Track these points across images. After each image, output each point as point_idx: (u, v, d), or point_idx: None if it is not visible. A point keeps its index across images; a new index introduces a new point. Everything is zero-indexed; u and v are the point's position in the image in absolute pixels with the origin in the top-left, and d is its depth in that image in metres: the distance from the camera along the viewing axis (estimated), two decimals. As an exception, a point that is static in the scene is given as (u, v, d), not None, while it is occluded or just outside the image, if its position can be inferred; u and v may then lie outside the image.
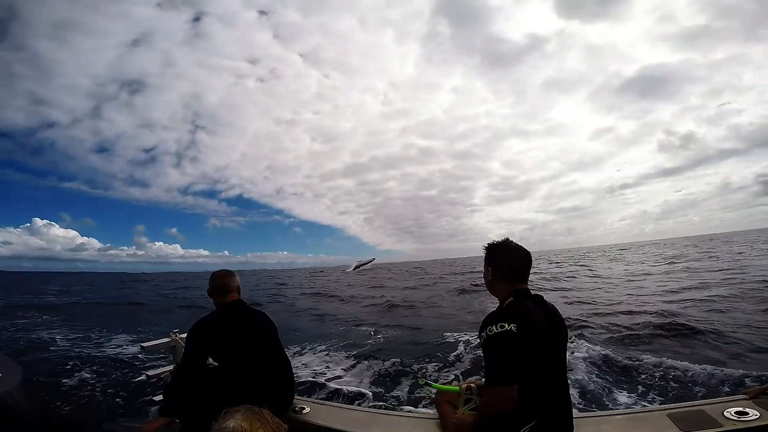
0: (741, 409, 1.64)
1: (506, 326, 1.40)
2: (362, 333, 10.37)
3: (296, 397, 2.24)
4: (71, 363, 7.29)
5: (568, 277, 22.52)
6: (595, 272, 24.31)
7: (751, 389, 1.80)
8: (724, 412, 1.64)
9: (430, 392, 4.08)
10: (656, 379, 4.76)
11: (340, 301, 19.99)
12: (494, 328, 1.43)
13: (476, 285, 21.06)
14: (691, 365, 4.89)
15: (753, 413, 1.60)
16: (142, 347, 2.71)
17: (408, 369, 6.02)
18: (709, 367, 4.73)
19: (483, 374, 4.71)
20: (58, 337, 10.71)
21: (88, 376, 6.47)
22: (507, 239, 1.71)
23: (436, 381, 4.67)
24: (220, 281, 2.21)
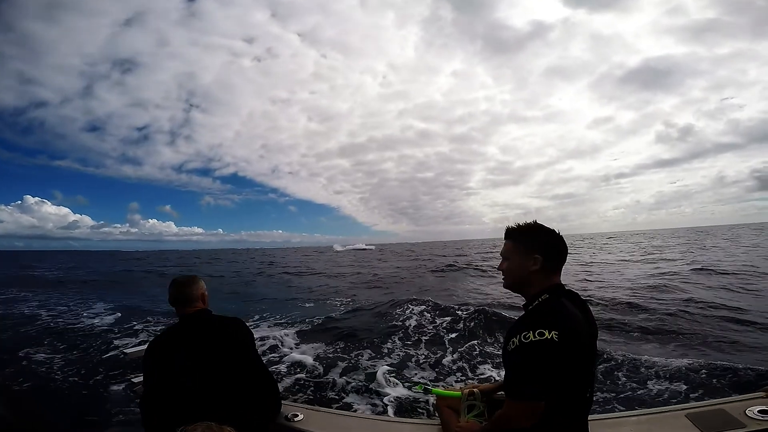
0: (764, 407, 1.57)
1: (546, 334, 1.16)
2: (331, 307, 10.89)
3: (289, 403, 2.12)
4: (47, 340, 7.40)
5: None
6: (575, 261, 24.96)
7: None
8: (746, 411, 1.57)
9: (428, 396, 3.92)
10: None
11: (324, 277, 20.66)
12: (531, 335, 1.18)
13: (449, 266, 21.97)
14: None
15: None
16: (124, 353, 2.55)
17: (365, 349, 6.30)
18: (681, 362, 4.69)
19: (480, 378, 4.40)
20: (43, 312, 10.96)
21: (58, 356, 6.43)
22: (537, 222, 1.43)
23: (437, 385, 4.34)
24: (179, 290, 1.92)
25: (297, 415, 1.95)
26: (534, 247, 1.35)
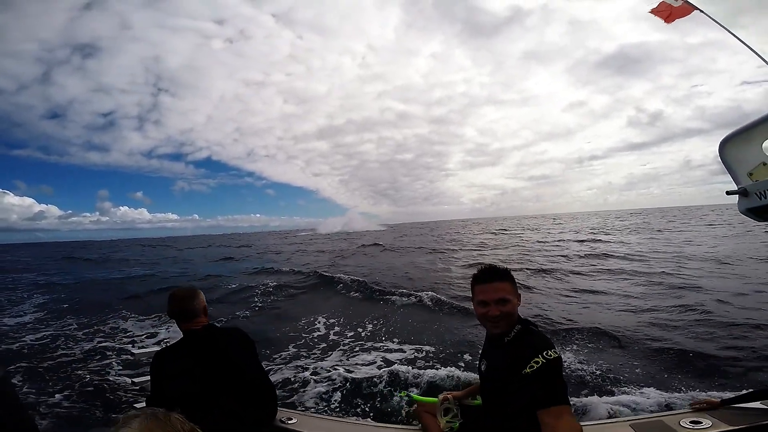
0: (695, 418, 1.84)
1: (558, 353, 1.42)
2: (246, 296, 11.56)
3: (283, 408, 2.23)
4: None
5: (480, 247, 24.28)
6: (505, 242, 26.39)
7: (707, 400, 2.01)
8: (681, 422, 1.82)
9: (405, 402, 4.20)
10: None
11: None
12: (552, 353, 1.40)
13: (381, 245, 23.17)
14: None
15: (706, 422, 1.80)
16: (133, 354, 2.66)
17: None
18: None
19: (460, 387, 4.44)
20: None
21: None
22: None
23: (417, 393, 4.56)
24: (180, 305, 1.86)
25: (291, 419, 2.11)
26: (515, 289, 1.58)
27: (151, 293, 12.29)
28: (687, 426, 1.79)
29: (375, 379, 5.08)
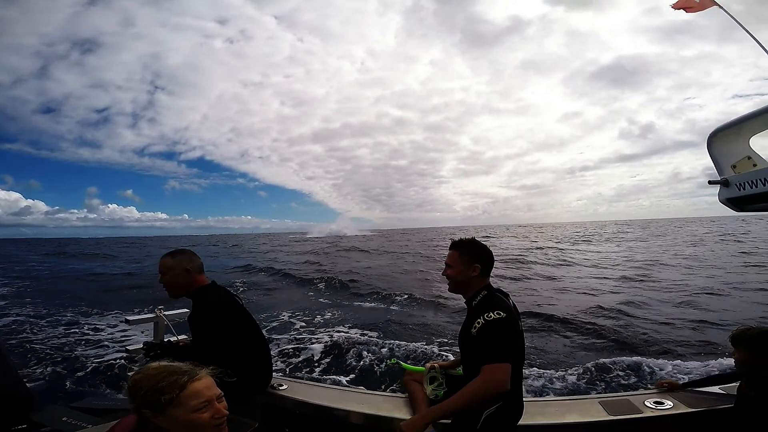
0: (659, 399, 1.99)
1: (502, 314, 1.55)
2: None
3: (275, 375, 2.34)
4: None
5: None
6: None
7: (670, 382, 2.20)
8: (645, 402, 1.98)
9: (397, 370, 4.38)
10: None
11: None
12: (492, 315, 1.54)
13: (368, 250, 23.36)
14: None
15: (668, 403, 1.96)
16: (126, 320, 2.75)
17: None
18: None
19: (445, 357, 5.11)
20: None
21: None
22: (475, 239, 1.83)
23: (405, 361, 4.68)
24: (195, 258, 2.02)
25: (282, 385, 2.26)
26: (474, 258, 1.74)
27: (126, 288, 12.57)
28: (651, 406, 1.95)
29: (358, 348, 5.50)
